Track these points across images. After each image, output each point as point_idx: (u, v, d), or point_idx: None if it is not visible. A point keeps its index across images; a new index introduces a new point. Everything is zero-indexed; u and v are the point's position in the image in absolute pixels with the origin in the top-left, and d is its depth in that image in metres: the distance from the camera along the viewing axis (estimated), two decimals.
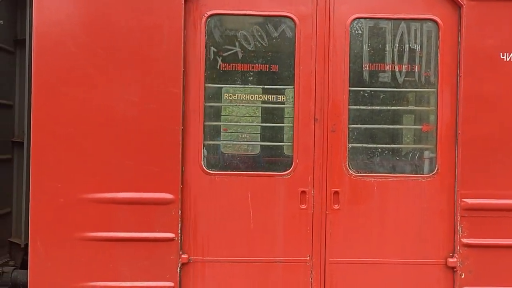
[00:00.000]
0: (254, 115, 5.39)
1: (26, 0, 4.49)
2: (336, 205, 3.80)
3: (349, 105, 3.81)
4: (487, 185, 3.79)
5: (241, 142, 4.48)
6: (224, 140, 4.27)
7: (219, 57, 3.85)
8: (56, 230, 3.64)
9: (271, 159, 4.10)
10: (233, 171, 3.90)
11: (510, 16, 3.76)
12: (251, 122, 4.39)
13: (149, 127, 3.68)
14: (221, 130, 4.80)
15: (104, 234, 3.66)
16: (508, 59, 3.74)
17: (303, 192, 3.79)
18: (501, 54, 3.75)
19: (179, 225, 3.71)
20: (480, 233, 3.79)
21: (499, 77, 3.75)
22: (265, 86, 3.99)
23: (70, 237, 3.64)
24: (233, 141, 4.48)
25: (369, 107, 3.89)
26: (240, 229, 3.78)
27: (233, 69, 3.89)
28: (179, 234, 3.71)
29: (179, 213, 3.70)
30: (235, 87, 3.99)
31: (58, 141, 3.64)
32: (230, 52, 3.86)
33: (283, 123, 4.14)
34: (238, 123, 4.31)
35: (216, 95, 3.93)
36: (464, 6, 3.75)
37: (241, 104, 4.04)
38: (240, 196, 3.78)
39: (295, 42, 3.79)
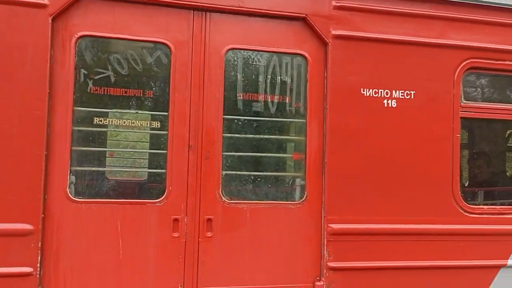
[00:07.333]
0: (134, 141, 5.25)
1: None
2: (209, 233, 3.79)
3: (223, 133, 3.86)
4: (351, 211, 4.00)
5: (111, 168, 4.29)
6: (94, 166, 3.99)
7: (89, 80, 3.70)
8: None
9: (157, 186, 3.98)
10: (102, 198, 3.71)
11: (370, 55, 4.09)
12: (124, 148, 4.25)
13: (9, 151, 3.40)
14: (107, 155, 4.58)
15: None
16: (367, 94, 4.07)
17: (176, 220, 3.73)
18: (361, 89, 4.06)
19: (39, 258, 3.43)
20: (345, 257, 3.98)
21: (360, 111, 4.03)
22: (138, 112, 3.89)
23: None
24: (103, 167, 4.26)
25: (243, 135, 3.97)
26: (107, 260, 3.60)
27: (105, 93, 3.76)
28: (38, 268, 3.43)
29: (39, 245, 3.43)
30: (105, 111, 3.85)
31: None
32: (102, 76, 3.73)
33: (161, 150, 4.05)
34: (109, 148, 4.13)
35: (86, 119, 3.74)
36: (329, 44, 4.01)
37: (112, 130, 3.89)
38: (109, 225, 3.62)
39: (170, 69, 3.78)
